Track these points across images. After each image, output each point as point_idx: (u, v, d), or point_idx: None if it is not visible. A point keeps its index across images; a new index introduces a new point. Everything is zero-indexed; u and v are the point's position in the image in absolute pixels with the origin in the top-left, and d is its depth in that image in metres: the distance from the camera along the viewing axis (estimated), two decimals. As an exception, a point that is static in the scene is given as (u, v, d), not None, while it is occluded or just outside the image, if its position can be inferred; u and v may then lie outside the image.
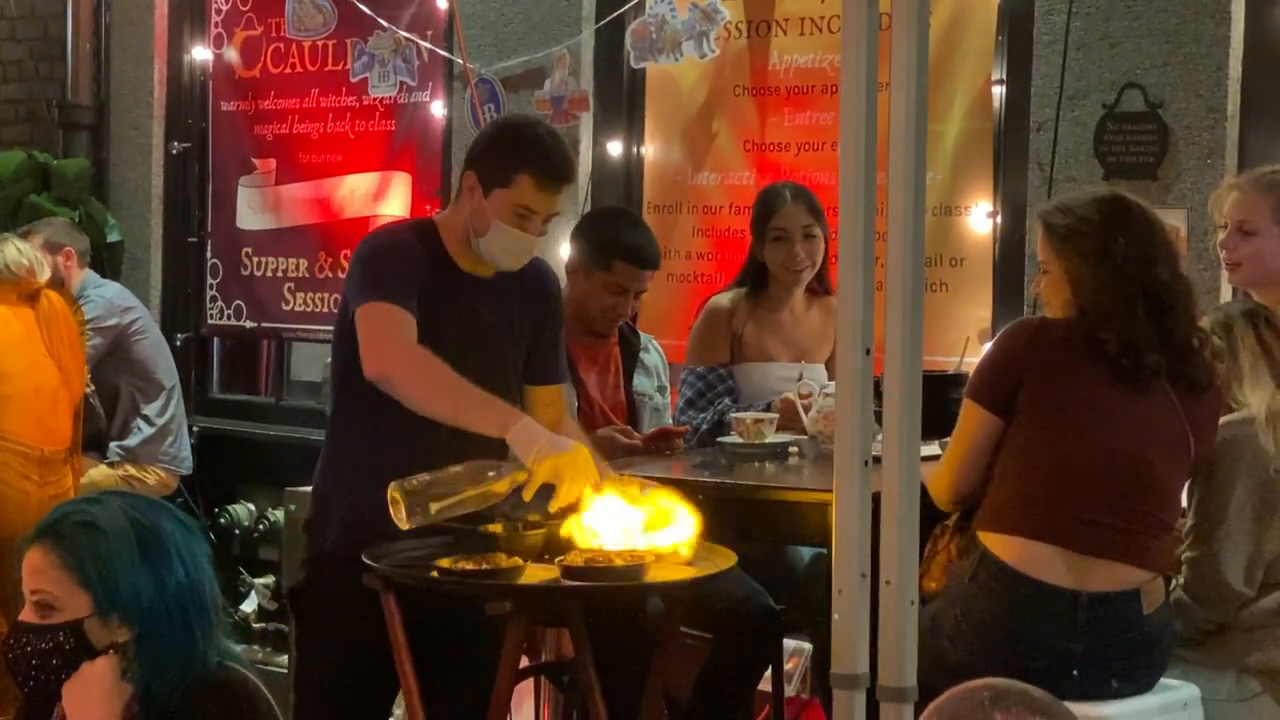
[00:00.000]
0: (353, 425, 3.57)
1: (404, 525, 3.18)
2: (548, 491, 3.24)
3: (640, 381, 4.36)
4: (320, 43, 6.68)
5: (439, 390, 3.33)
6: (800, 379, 4.26)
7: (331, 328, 3.73)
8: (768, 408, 4.33)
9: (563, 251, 4.60)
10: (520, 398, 3.62)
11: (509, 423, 3.27)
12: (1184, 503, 3.56)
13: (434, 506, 3.17)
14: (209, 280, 7.08)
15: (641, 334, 4.49)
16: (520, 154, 3.47)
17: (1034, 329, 3.46)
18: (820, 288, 4.58)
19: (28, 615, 2.48)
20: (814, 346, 4.55)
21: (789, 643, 4.47)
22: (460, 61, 6.10)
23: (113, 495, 2.58)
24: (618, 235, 4.30)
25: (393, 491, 3.17)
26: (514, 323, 3.59)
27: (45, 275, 5.30)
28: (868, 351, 2.46)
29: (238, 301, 6.93)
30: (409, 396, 3.33)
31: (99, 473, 5.94)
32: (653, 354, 4.46)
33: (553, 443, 3.25)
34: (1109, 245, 3.37)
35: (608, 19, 5.87)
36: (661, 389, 4.45)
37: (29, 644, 2.47)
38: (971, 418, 3.44)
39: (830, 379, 4.28)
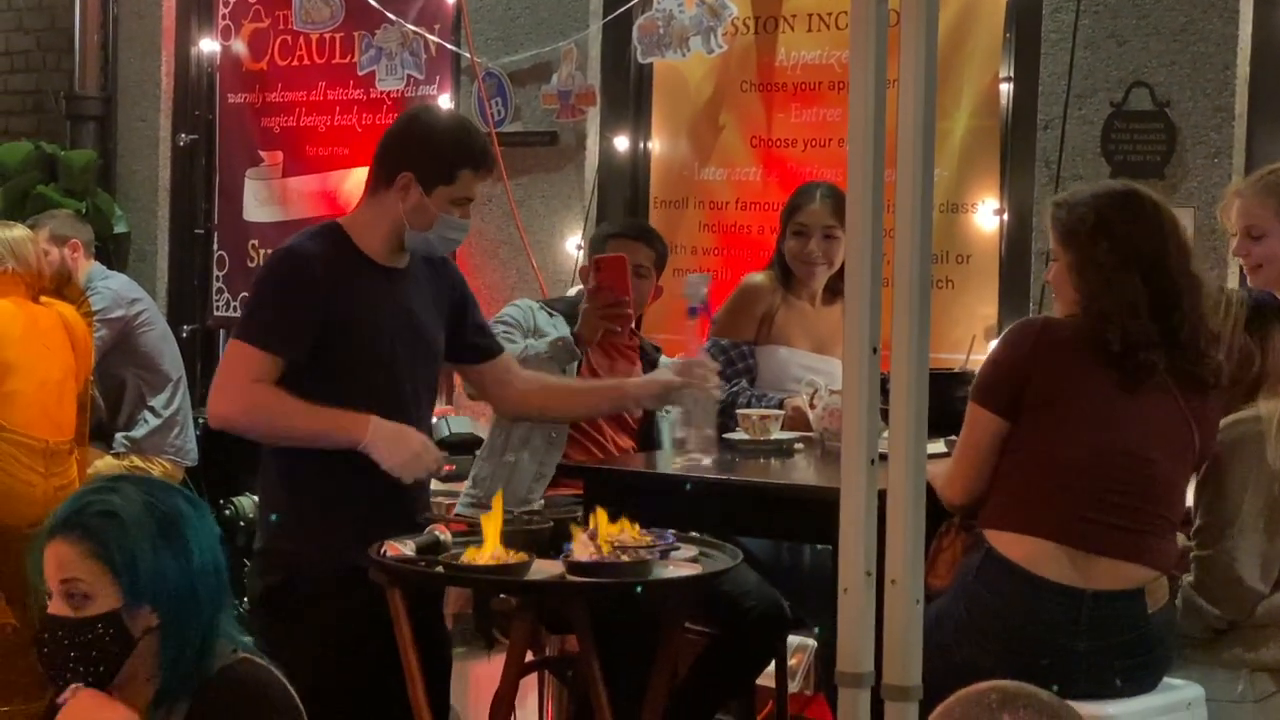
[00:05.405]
0: None
1: None
2: None
3: None
4: (328, 35, 6.68)
5: (280, 423, 3.52)
6: (814, 392, 4.27)
7: None
8: (779, 405, 4.34)
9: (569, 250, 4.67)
10: (436, 381, 3.89)
11: (360, 435, 3.49)
12: (1188, 501, 3.56)
13: None
14: (215, 272, 7.09)
15: (664, 358, 4.53)
16: (461, 152, 3.68)
17: (1038, 330, 3.44)
18: (840, 288, 4.59)
19: (59, 609, 2.42)
20: (832, 340, 4.56)
21: (794, 639, 4.47)
22: (468, 55, 6.10)
23: (126, 482, 2.54)
24: (611, 222, 4.77)
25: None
26: (431, 306, 3.74)
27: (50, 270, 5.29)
28: (875, 349, 2.46)
29: (244, 294, 6.93)
30: (253, 435, 3.58)
31: (104, 464, 5.94)
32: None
33: (391, 436, 3.51)
34: (1097, 242, 3.35)
35: (615, 14, 5.87)
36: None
37: (65, 638, 2.41)
38: (978, 421, 3.42)
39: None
